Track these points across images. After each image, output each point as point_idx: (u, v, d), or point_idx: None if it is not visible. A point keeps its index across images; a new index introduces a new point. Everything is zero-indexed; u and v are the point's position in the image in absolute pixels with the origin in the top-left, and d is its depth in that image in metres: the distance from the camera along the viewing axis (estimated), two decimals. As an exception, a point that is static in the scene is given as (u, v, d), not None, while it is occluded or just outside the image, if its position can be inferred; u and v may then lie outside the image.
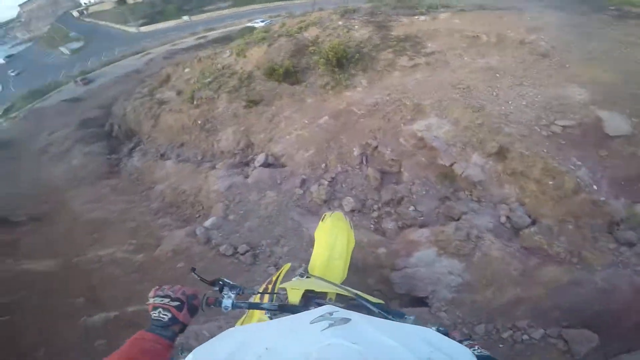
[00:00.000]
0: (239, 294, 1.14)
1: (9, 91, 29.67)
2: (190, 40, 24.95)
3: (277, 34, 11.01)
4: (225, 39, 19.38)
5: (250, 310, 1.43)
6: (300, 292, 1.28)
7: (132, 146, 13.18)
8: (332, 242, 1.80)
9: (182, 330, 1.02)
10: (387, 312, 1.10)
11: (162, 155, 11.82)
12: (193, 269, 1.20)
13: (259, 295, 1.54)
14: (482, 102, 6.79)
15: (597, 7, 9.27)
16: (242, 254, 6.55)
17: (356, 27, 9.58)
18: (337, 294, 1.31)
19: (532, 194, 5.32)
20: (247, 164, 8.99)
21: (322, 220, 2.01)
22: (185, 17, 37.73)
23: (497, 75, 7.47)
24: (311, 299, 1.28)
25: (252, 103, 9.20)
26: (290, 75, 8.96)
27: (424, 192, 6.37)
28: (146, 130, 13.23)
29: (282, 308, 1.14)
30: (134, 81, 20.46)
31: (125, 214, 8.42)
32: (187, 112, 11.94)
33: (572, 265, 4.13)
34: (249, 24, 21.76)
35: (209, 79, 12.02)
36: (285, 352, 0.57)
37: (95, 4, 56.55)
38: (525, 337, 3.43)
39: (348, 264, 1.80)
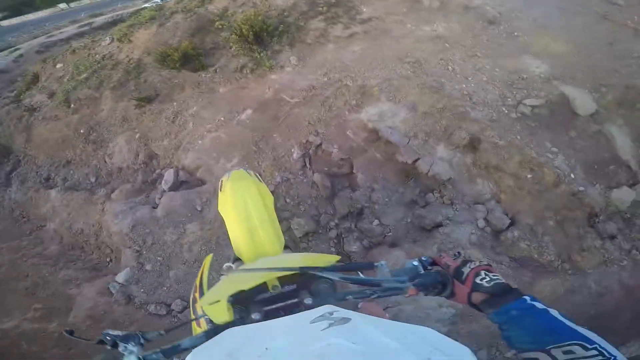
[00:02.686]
0: (141, 343, 0.81)
1: None
2: (71, 29, 20.18)
3: (170, 11, 8.47)
4: (116, 24, 15.84)
5: None
6: (223, 305, 0.87)
7: (9, 169, 9.43)
8: (242, 210, 1.33)
9: None
10: (348, 268, 0.97)
11: (46, 180, 8.50)
12: (69, 332, 0.88)
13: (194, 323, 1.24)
14: (439, 79, 5.55)
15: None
16: (179, 312, 4.52)
17: (275, -6, 7.65)
18: (279, 277, 0.97)
19: (508, 189, 4.51)
20: (153, 185, 6.58)
21: (221, 190, 1.50)
22: (62, 5, 31.58)
23: (447, 45, 6.31)
24: (250, 301, 0.90)
25: (145, 100, 6.78)
26: (191, 59, 6.72)
27: (386, 199, 4.94)
28: (20, 146, 9.70)
29: (211, 334, 0.81)
30: (0, 84, 15.73)
31: (16, 267, 5.56)
32: (64, 119, 8.80)
33: (565, 273, 3.93)
34: (146, 4, 18.02)
35: (85, 75, 8.93)
36: (285, 352, 0.54)
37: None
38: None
39: (277, 223, 1.36)
